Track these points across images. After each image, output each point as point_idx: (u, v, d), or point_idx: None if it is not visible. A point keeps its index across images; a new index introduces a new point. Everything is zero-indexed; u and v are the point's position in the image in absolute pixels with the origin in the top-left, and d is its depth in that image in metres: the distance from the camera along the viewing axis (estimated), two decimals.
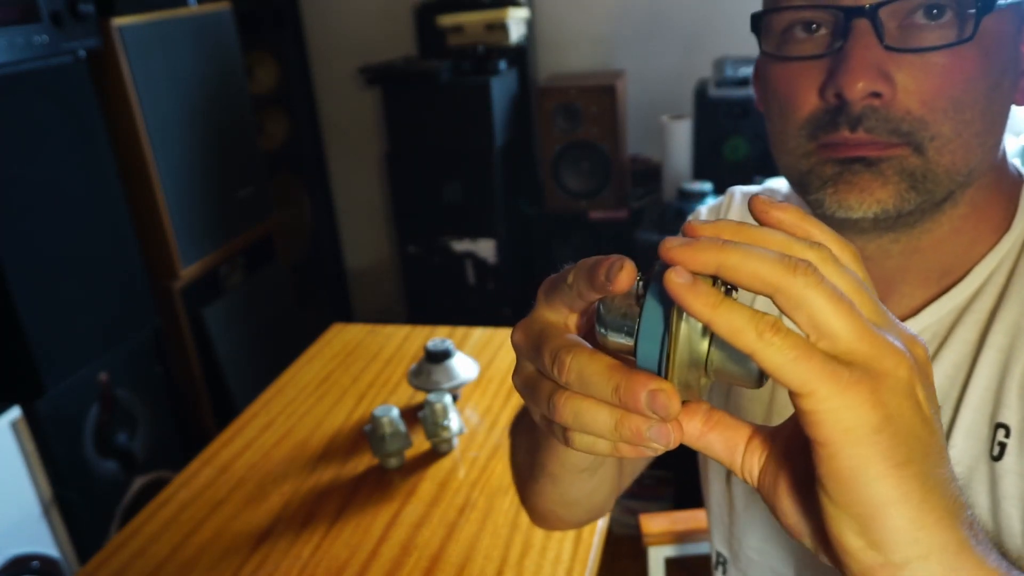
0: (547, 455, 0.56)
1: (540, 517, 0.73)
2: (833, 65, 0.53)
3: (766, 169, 2.06)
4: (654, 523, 1.33)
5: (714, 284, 0.34)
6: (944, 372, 0.60)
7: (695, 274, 0.32)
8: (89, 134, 1.76)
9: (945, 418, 0.59)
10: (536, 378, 0.40)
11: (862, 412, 0.31)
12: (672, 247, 0.32)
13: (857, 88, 0.51)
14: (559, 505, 0.67)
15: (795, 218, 0.36)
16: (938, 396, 0.59)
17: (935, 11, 0.52)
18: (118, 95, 1.90)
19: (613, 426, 0.35)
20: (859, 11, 0.51)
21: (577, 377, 0.36)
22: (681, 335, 0.34)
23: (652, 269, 0.36)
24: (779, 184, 0.76)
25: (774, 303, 0.32)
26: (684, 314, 0.34)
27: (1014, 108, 0.58)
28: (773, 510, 0.38)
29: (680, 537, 1.31)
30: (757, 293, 0.32)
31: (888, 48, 0.52)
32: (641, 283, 0.36)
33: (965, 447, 0.58)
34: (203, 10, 2.13)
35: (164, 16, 2.00)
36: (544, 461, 0.57)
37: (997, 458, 0.56)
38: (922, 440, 0.32)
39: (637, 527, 1.34)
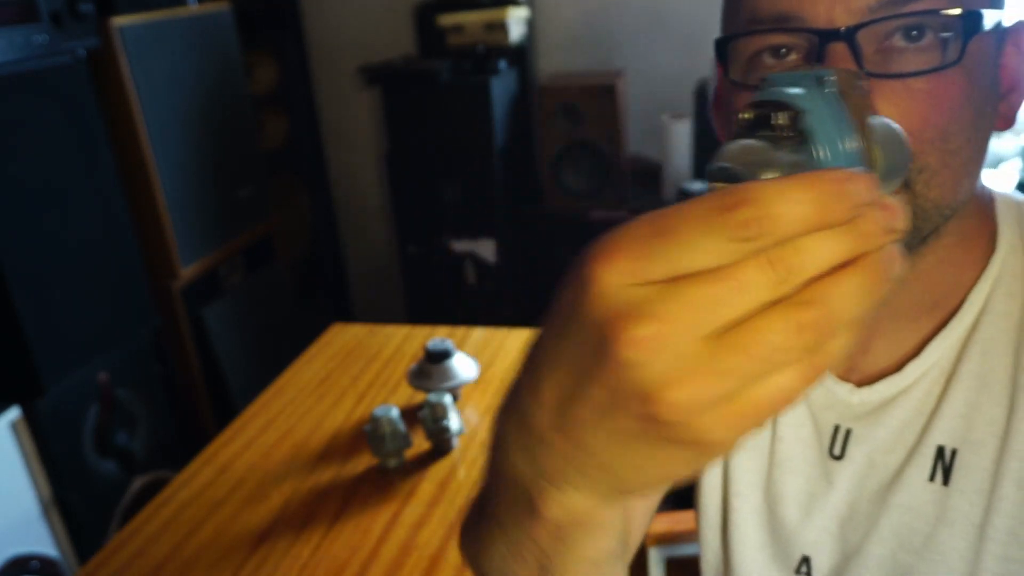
0: (561, 551, 0.39)
1: None
2: None
3: None
4: (654, 523, 1.33)
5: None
6: (957, 412, 0.56)
7: None
8: (89, 134, 1.76)
9: (986, 464, 0.55)
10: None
11: None
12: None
13: None
14: None
15: None
16: (950, 437, 0.56)
17: (915, 32, 0.48)
18: (118, 95, 1.89)
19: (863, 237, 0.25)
20: (835, 34, 0.47)
21: (795, 206, 0.24)
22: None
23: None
24: None
25: None
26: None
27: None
28: None
29: (680, 537, 1.31)
30: None
31: (868, 74, 0.47)
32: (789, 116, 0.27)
33: (1018, 499, 0.54)
34: (203, 10, 2.13)
35: (164, 16, 2.00)
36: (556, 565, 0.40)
37: None
38: None
39: None
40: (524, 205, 2.60)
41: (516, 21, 2.45)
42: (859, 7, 0.46)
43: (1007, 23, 0.52)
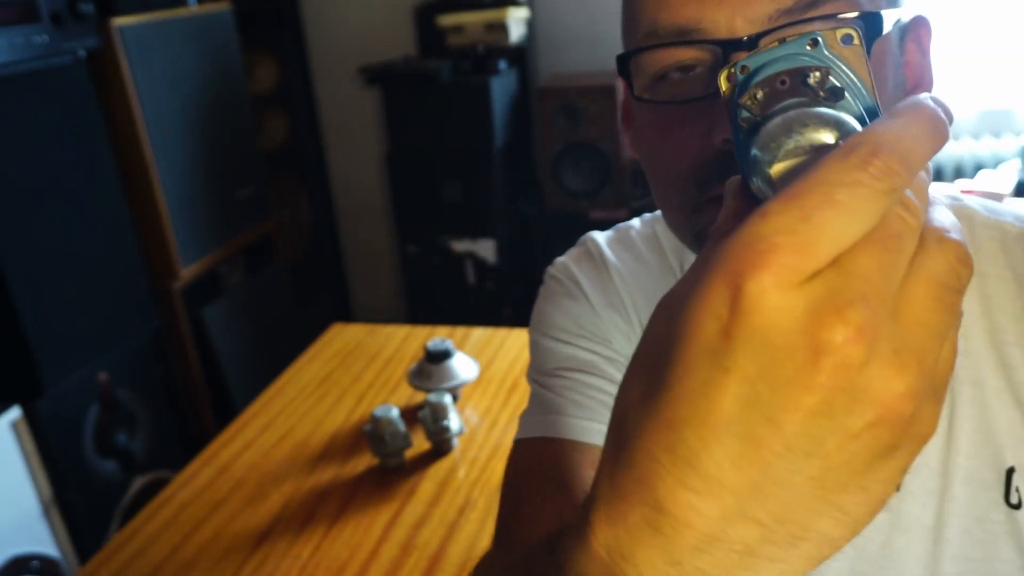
0: None
1: None
2: (719, 108, 0.46)
3: None
4: None
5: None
6: None
7: None
8: (89, 134, 1.76)
9: (933, 464, 0.53)
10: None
11: None
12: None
13: None
14: None
15: None
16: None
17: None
18: (118, 95, 1.90)
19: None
20: (737, 44, 0.45)
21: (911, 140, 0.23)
22: None
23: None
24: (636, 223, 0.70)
25: None
26: None
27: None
28: None
29: None
30: None
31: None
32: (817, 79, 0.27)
33: (970, 496, 0.53)
34: (203, 10, 2.13)
35: (164, 16, 2.00)
36: None
37: (1017, 506, 0.52)
38: None
39: None
40: (524, 205, 2.60)
41: (516, 21, 2.45)
42: (759, 16, 0.45)
43: (905, 19, 0.51)
